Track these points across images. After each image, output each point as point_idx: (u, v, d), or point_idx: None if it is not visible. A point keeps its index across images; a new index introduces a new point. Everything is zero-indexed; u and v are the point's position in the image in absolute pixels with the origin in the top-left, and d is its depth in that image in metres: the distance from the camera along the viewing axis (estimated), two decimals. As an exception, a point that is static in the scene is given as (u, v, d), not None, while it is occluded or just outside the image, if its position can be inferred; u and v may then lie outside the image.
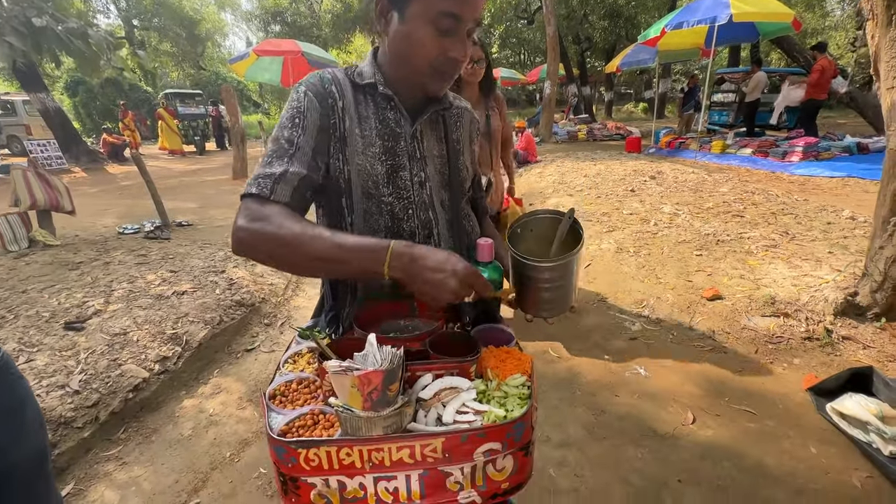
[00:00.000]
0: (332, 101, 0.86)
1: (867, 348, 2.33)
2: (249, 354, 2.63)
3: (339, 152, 0.86)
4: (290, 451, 0.64)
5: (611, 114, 20.24)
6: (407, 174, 0.89)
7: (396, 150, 0.88)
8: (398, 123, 0.89)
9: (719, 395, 2.13)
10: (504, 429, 0.67)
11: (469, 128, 1.03)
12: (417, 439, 0.65)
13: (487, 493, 0.69)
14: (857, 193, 5.65)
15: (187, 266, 3.44)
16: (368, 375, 0.64)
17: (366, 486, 0.66)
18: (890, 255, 2.36)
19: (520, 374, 0.79)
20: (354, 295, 0.96)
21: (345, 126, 0.86)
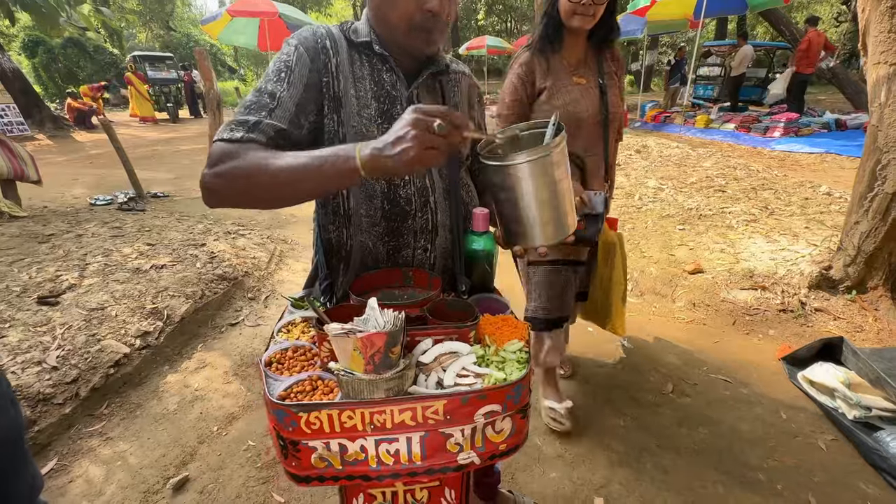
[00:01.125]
0: (326, 58, 0.83)
1: (838, 319, 2.43)
2: (234, 329, 2.60)
3: (333, 112, 0.83)
4: (292, 414, 0.64)
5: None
6: None
7: (393, 113, 0.85)
8: (394, 86, 0.86)
9: (697, 365, 2.21)
10: (504, 391, 0.68)
11: (468, 93, 1.00)
12: (419, 401, 0.65)
13: (486, 454, 0.71)
14: (833, 169, 5.78)
15: (165, 239, 3.33)
16: (371, 337, 0.63)
17: (367, 448, 0.67)
18: (865, 230, 2.43)
19: (517, 340, 0.79)
20: (348, 265, 0.94)
21: (339, 86, 0.83)
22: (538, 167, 0.72)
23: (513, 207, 0.77)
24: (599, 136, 1.56)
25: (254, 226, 4.08)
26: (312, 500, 1.56)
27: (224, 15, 9.26)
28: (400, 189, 0.87)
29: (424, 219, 0.91)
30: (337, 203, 0.89)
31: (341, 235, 0.91)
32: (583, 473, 1.64)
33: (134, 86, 12.76)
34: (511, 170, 0.73)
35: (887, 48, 2.19)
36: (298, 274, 3.28)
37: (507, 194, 0.76)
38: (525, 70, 1.51)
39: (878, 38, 2.20)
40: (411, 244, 0.92)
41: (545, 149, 0.72)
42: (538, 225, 0.78)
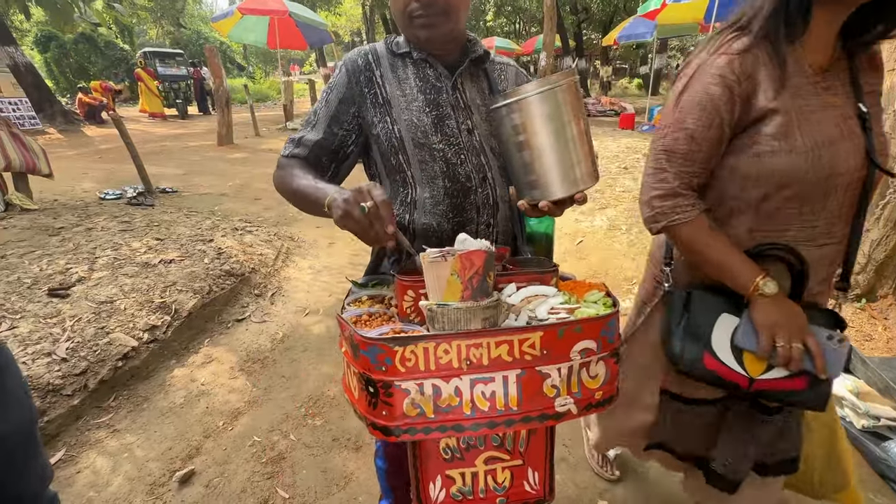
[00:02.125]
0: (370, 73, 0.94)
1: (847, 328, 2.40)
2: (240, 325, 2.61)
3: (385, 115, 0.93)
4: (387, 350, 0.62)
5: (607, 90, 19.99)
6: (453, 122, 0.93)
7: (439, 101, 0.93)
8: (438, 79, 0.94)
9: (704, 371, 2.19)
10: (599, 324, 0.66)
11: (516, 81, 1.04)
12: (516, 333, 0.63)
13: (582, 401, 0.68)
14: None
15: (173, 234, 3.36)
16: (471, 256, 0.64)
17: (462, 390, 0.64)
18: (875, 238, 2.41)
19: (596, 291, 0.79)
20: (412, 246, 1.00)
21: (387, 91, 0.93)
22: (548, 102, 0.69)
23: (523, 153, 0.73)
24: (851, 208, 0.87)
25: (261, 223, 4.10)
26: (317, 497, 1.57)
27: (235, 12, 9.32)
28: (458, 168, 0.94)
29: (485, 193, 0.96)
30: (406, 193, 0.96)
31: (404, 220, 0.97)
32: (587, 477, 1.64)
33: (144, 82, 12.86)
34: (519, 104, 0.70)
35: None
36: (305, 271, 3.30)
37: (518, 137, 0.72)
38: (739, 71, 0.81)
39: (893, 45, 2.18)
40: (475, 219, 0.97)
41: (553, 81, 0.68)
42: (553, 171, 0.72)
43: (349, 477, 1.65)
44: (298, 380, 2.17)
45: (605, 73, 19.87)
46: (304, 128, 0.97)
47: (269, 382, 2.15)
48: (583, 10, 16.68)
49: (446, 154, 0.92)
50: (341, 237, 3.91)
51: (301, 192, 0.86)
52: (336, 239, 3.90)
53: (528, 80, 1.03)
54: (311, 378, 2.17)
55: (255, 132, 9.93)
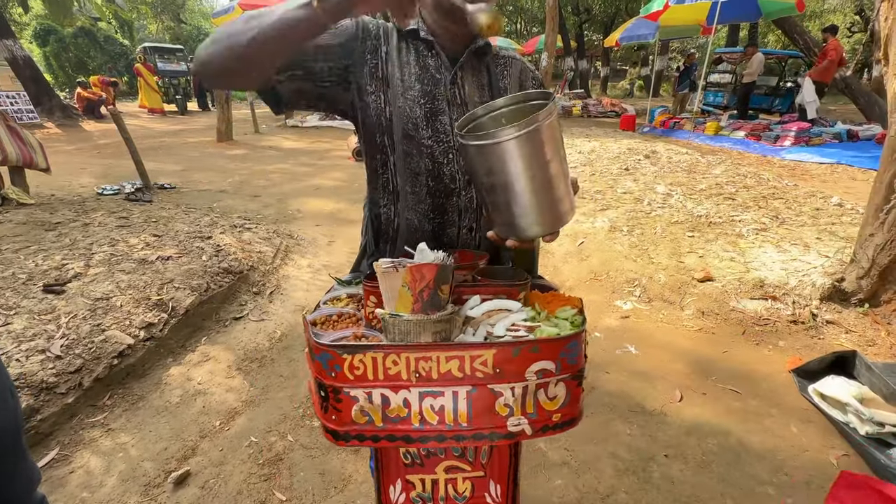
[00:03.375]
0: (377, 42, 0.88)
1: (849, 332, 2.39)
2: (238, 323, 2.58)
3: (380, 92, 0.88)
4: (336, 357, 0.62)
5: (606, 89, 19.98)
6: (446, 118, 0.89)
7: (436, 94, 0.89)
8: (438, 69, 0.90)
9: (706, 375, 2.18)
10: (558, 345, 0.63)
11: (520, 77, 1.00)
12: (467, 349, 0.62)
13: (538, 422, 0.65)
14: (844, 180, 5.72)
15: (171, 230, 3.33)
16: (421, 269, 0.62)
17: (410, 402, 0.64)
18: (879, 242, 2.39)
19: (569, 307, 0.77)
20: (395, 245, 0.99)
21: (387, 69, 0.88)
22: (526, 143, 0.64)
23: (500, 193, 0.68)
24: None
25: (260, 220, 4.07)
26: (315, 499, 1.54)
27: (236, 9, 9.25)
28: (444, 167, 0.91)
29: (469, 197, 0.94)
30: (386, 178, 0.94)
31: (390, 213, 0.96)
32: (588, 481, 1.61)
33: (143, 77, 12.80)
34: (494, 148, 0.64)
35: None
36: (304, 270, 3.27)
37: (492, 178, 0.68)
38: None
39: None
40: (456, 222, 0.95)
41: (532, 120, 0.63)
42: (532, 212, 0.68)
43: (347, 479, 1.62)
44: (297, 380, 2.14)
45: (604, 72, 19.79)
46: None
47: (267, 382, 2.12)
48: (585, 10, 16.66)
49: (434, 151, 0.89)
50: (340, 236, 3.88)
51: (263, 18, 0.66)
52: (336, 237, 3.87)
53: (533, 75, 1.01)
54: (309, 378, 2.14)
55: (254, 129, 9.89)
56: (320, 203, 4.82)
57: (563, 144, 0.70)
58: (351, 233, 3.89)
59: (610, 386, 2.10)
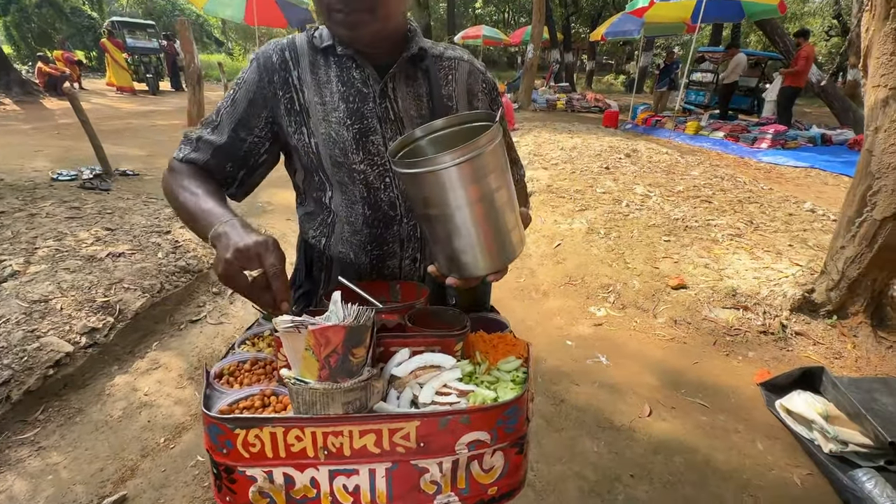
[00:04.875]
0: (286, 73, 0.78)
1: (817, 344, 2.40)
2: (194, 326, 2.44)
3: (301, 125, 0.79)
4: (227, 431, 0.52)
5: (591, 84, 19.98)
6: (379, 138, 0.79)
7: (364, 111, 0.78)
8: (364, 83, 0.78)
9: (676, 387, 2.15)
10: (494, 414, 0.55)
11: (467, 81, 0.87)
12: (385, 422, 0.53)
13: (471, 498, 0.58)
14: (817, 185, 5.83)
15: (127, 223, 3.12)
16: (326, 332, 0.52)
17: (319, 482, 0.54)
18: (850, 255, 2.39)
19: (514, 357, 0.68)
20: (330, 273, 0.89)
21: (304, 97, 0.78)
22: (467, 171, 0.56)
23: (439, 226, 0.61)
24: None
25: (226, 213, 3.87)
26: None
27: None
28: (381, 193, 0.80)
29: (411, 225, 0.83)
30: (326, 215, 0.84)
31: (320, 243, 0.86)
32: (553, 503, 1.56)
33: (109, 53, 12.14)
34: (430, 177, 0.56)
35: (888, 71, 2.13)
36: (269, 268, 3.12)
37: (430, 209, 0.60)
38: None
39: (881, 61, 2.14)
40: (398, 253, 0.85)
41: (473, 146, 0.55)
42: (475, 248, 0.61)
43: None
44: (252, 390, 2.02)
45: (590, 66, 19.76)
46: (202, 127, 0.81)
47: (220, 393, 2.00)
48: (572, 3, 16.54)
49: (367, 177, 0.79)
50: (311, 231, 3.73)
51: (185, 210, 0.72)
52: (306, 233, 3.72)
53: (484, 78, 0.88)
54: (267, 388, 2.03)
55: (229, 113, 9.50)
56: (291, 196, 4.62)
57: (509, 171, 0.61)
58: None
59: (579, 399, 2.05)
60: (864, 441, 1.74)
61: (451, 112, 0.83)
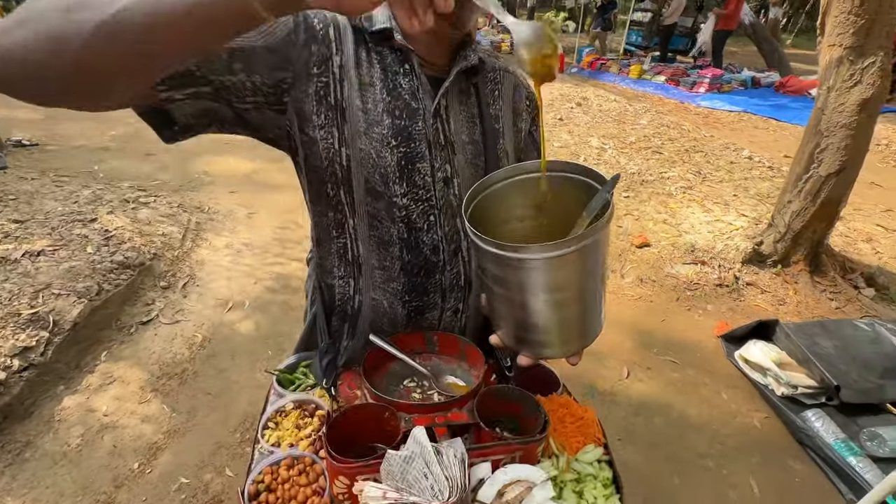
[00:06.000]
0: (328, 50, 0.60)
1: (764, 293, 2.62)
2: (146, 328, 2.20)
3: (332, 125, 0.61)
4: None
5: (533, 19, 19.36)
6: (427, 166, 0.65)
7: (413, 132, 0.64)
8: (415, 95, 0.64)
9: (648, 347, 2.28)
10: None
11: (512, 97, 0.74)
12: None
13: None
14: (749, 129, 6.18)
15: (39, 211, 2.67)
16: None
17: None
18: (796, 209, 2.57)
19: (593, 445, 0.65)
20: (355, 327, 0.76)
21: (342, 93, 0.61)
22: (565, 263, 0.47)
23: (515, 309, 0.53)
24: None
25: (158, 189, 3.43)
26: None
27: None
28: (423, 234, 0.68)
29: (455, 272, 0.72)
30: (343, 244, 0.69)
31: (348, 288, 0.72)
32: (551, 478, 1.63)
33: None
34: (523, 263, 0.48)
35: (844, 30, 2.18)
36: (221, 252, 2.85)
37: (508, 292, 0.52)
38: None
39: (838, 19, 2.18)
40: (439, 304, 0.73)
41: (582, 237, 0.46)
42: (553, 334, 0.54)
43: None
44: (229, 396, 1.89)
45: (531, 1, 19.09)
46: None
47: (192, 403, 1.85)
48: (512, -69, 15.48)
49: (410, 214, 0.66)
50: (263, 205, 3.42)
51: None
52: (257, 207, 3.40)
53: (528, 94, 0.77)
54: (245, 392, 1.90)
55: (136, 61, 8.23)
56: (234, 162, 4.17)
57: (607, 248, 0.53)
58: (276, 200, 3.42)
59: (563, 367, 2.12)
60: (811, 383, 1.96)
61: (499, 136, 0.71)
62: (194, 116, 0.56)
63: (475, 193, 0.57)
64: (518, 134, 0.76)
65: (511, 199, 0.60)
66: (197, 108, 0.55)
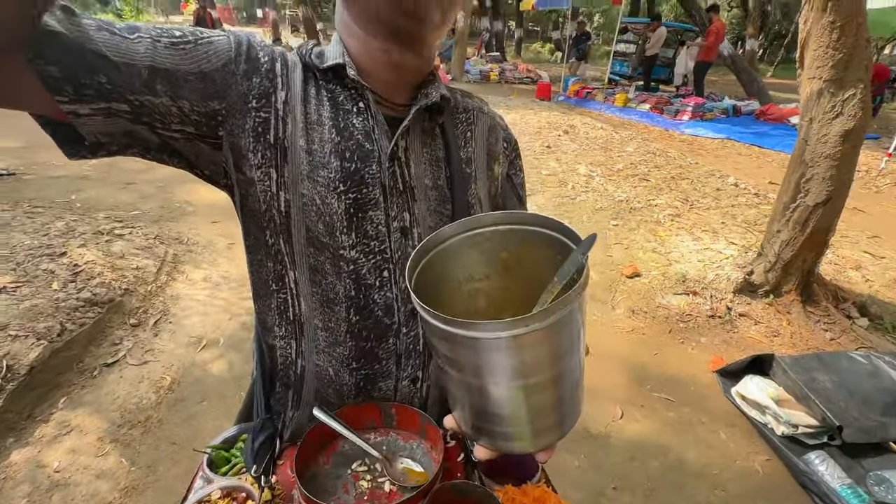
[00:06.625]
0: (270, 84, 0.54)
1: (758, 324, 2.56)
2: (111, 371, 2.06)
3: (269, 167, 0.54)
4: None
5: (520, 52, 19.98)
6: (381, 215, 0.58)
7: (365, 176, 0.56)
8: (369, 136, 0.57)
9: (642, 383, 2.19)
10: None
11: (487, 139, 0.68)
12: None
13: None
14: (733, 156, 6.29)
15: (7, 245, 2.55)
16: None
17: None
18: (785, 238, 2.55)
19: None
20: (300, 396, 0.65)
21: (285, 130, 0.55)
22: (537, 339, 0.39)
23: (478, 397, 0.44)
24: None
25: (135, 220, 3.33)
26: None
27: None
28: (374, 292, 0.59)
29: (413, 336, 0.62)
30: (283, 299, 0.60)
31: (289, 350, 0.63)
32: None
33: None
34: (479, 343, 0.40)
35: (823, 63, 2.21)
36: (199, 286, 2.73)
37: (467, 376, 0.43)
38: None
39: (817, 53, 2.21)
40: (393, 373, 0.63)
41: (557, 307, 0.38)
42: (524, 425, 0.45)
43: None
44: (197, 443, 1.75)
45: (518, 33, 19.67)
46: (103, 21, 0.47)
47: (155, 455, 1.70)
48: (499, -32, 16.14)
49: (360, 268, 0.57)
50: (243, 236, 3.32)
51: None
52: (238, 238, 3.31)
53: (506, 136, 0.71)
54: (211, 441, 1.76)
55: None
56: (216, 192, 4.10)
57: (584, 323, 0.45)
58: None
59: (553, 408, 2.02)
60: (811, 422, 1.87)
61: (470, 181, 0.64)
62: (106, 135, 0.49)
63: (425, 250, 0.50)
64: (494, 179, 0.70)
65: (468, 257, 0.53)
66: (111, 127, 0.48)
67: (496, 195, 0.71)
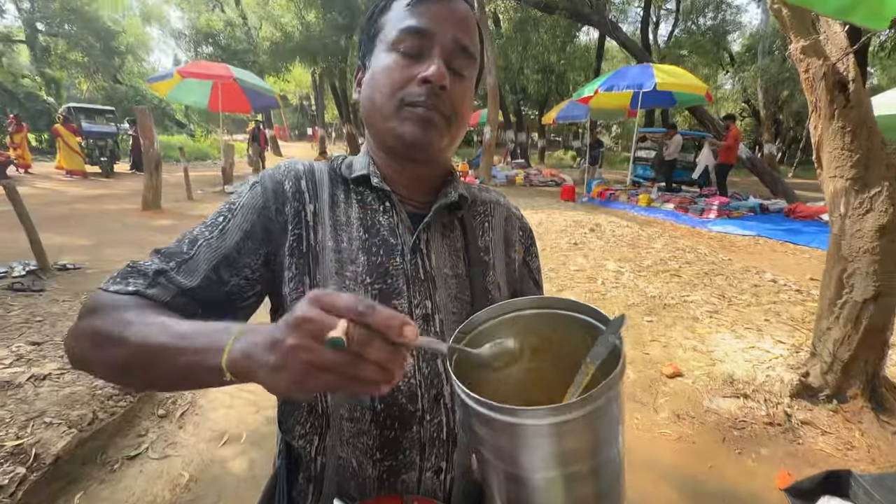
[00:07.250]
0: (299, 204, 0.63)
1: (826, 434, 2.29)
2: (132, 464, 2.01)
3: (304, 274, 0.61)
4: None
5: (543, 159, 21.44)
6: (404, 303, 0.62)
7: (389, 268, 0.62)
8: (394, 232, 0.64)
9: (697, 500, 1.93)
10: None
11: (504, 230, 0.74)
12: None
13: None
14: (767, 252, 6.17)
15: (59, 334, 2.71)
16: None
17: None
18: (837, 337, 2.39)
19: None
20: (320, 487, 0.64)
21: (316, 237, 0.62)
22: (577, 426, 0.39)
23: (510, 484, 0.43)
24: None
25: (179, 311, 3.50)
26: None
27: (175, 75, 8.99)
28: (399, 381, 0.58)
29: (437, 422, 0.62)
30: (316, 398, 0.62)
31: (310, 445, 0.63)
32: None
33: (62, 138, 11.83)
34: (517, 429, 0.39)
35: (842, 164, 2.27)
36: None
37: (502, 462, 0.43)
38: None
39: (833, 154, 2.29)
40: (417, 463, 0.62)
41: (589, 399, 0.38)
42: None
43: None
44: (203, 554, 1.62)
45: (541, 143, 21.26)
46: (165, 258, 0.58)
47: (160, 564, 1.58)
48: (521, 90, 18.15)
49: None
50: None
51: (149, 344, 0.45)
52: (270, 330, 3.39)
53: (521, 224, 0.77)
54: (222, 550, 1.63)
55: (187, 195, 9.25)
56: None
57: (623, 410, 0.44)
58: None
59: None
60: (913, 559, 1.57)
61: (488, 268, 0.69)
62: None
63: (463, 334, 0.52)
64: (511, 265, 0.74)
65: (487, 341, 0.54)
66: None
67: (514, 280, 0.75)
